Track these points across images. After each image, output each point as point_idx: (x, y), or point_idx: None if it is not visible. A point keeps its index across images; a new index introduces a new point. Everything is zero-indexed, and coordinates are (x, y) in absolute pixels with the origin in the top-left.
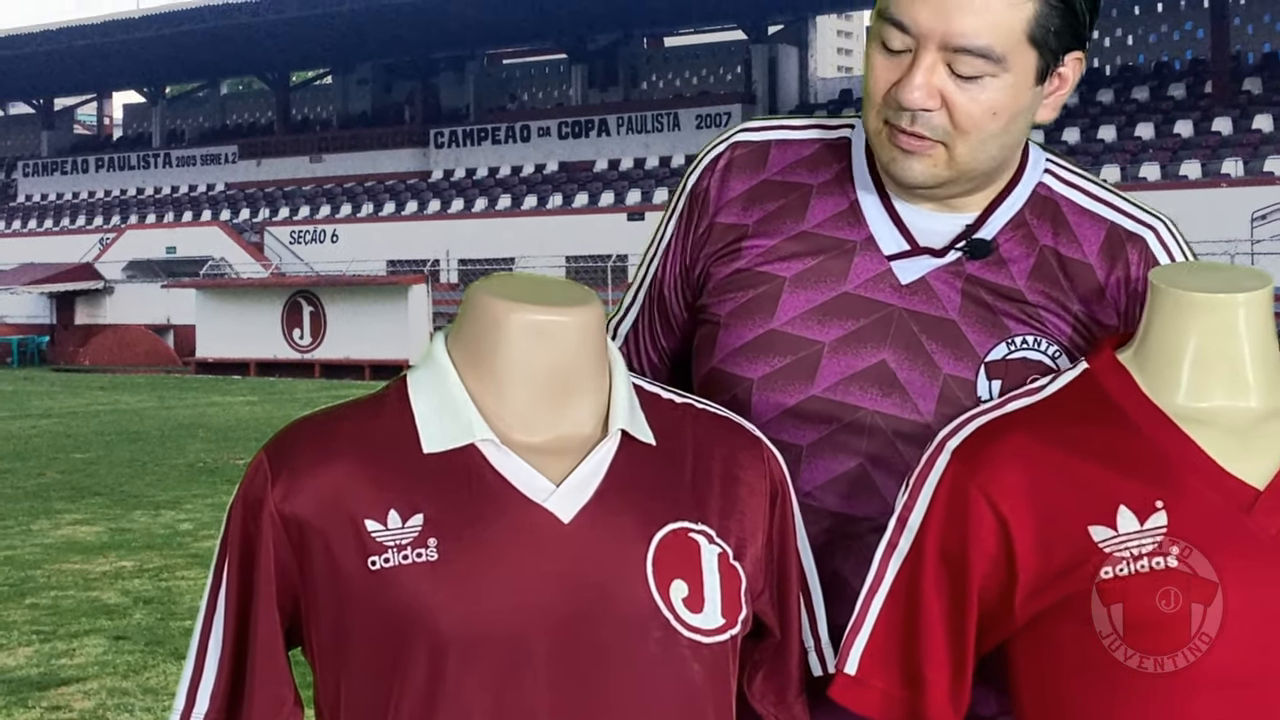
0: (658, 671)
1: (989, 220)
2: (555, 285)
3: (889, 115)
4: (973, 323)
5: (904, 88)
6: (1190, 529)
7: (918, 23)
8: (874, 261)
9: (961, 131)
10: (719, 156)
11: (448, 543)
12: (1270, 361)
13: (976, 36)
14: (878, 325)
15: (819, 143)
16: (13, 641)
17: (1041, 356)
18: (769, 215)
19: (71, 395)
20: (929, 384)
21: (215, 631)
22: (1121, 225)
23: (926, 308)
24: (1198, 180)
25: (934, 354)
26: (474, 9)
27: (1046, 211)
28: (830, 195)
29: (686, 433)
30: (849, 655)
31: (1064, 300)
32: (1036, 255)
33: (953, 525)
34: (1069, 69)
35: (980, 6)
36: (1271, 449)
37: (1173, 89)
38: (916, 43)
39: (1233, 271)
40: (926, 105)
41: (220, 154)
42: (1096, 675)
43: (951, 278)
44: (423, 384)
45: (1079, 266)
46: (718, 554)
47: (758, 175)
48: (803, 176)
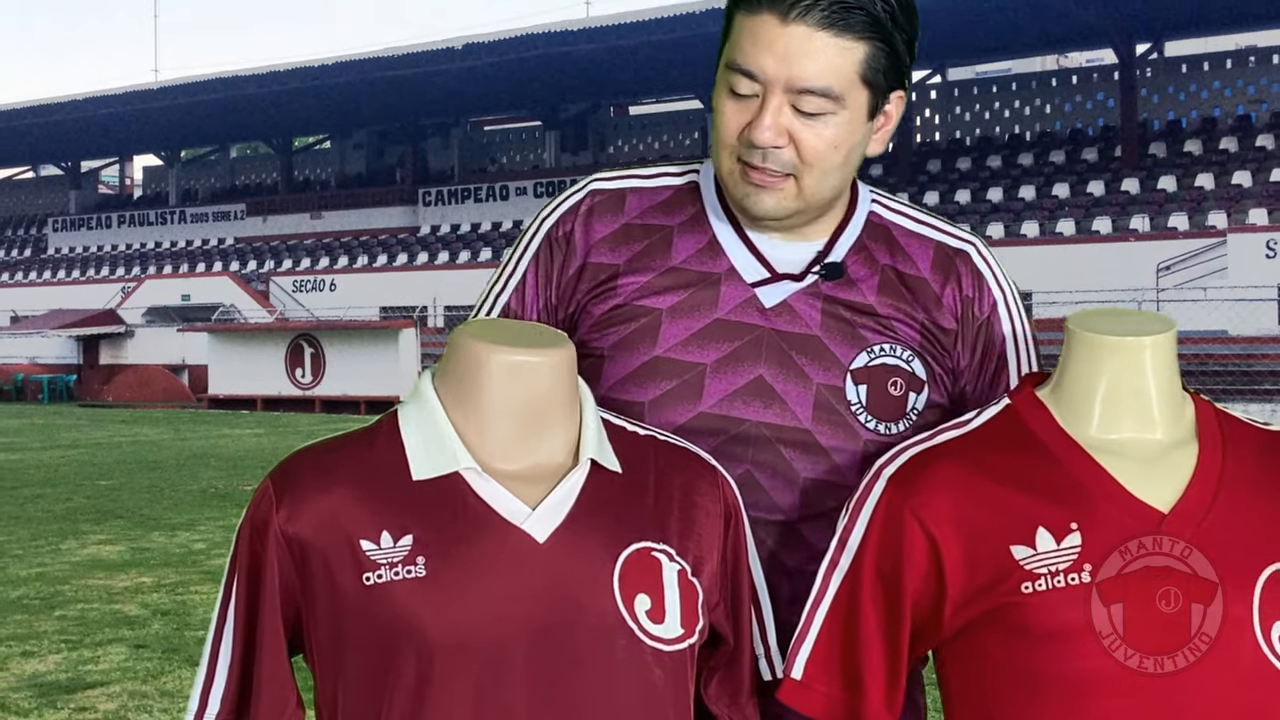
0: (624, 676)
1: (836, 246)
2: (530, 329)
3: (741, 154)
4: (834, 336)
5: (756, 128)
6: (1102, 548)
7: (764, 70)
8: (739, 289)
9: (808, 165)
10: (579, 203)
11: (435, 560)
12: (1174, 397)
13: (817, 78)
14: (751, 345)
15: (671, 188)
16: (44, 649)
17: (898, 361)
18: (637, 255)
19: (96, 428)
20: (804, 393)
21: (225, 640)
22: (946, 243)
23: (791, 326)
24: (1109, 235)
25: (804, 366)
26: (458, 81)
27: (881, 236)
28: (690, 233)
29: (649, 461)
30: (795, 661)
31: (910, 310)
32: (880, 274)
33: (888, 545)
34: (894, 106)
35: (818, 52)
36: (1175, 476)
37: (1086, 153)
38: (764, 88)
39: (1140, 317)
40: (776, 143)
41: (230, 211)
42: (1017, 679)
43: (811, 298)
44: (412, 417)
45: (916, 281)
46: (677, 571)
47: (619, 219)
48: (661, 219)
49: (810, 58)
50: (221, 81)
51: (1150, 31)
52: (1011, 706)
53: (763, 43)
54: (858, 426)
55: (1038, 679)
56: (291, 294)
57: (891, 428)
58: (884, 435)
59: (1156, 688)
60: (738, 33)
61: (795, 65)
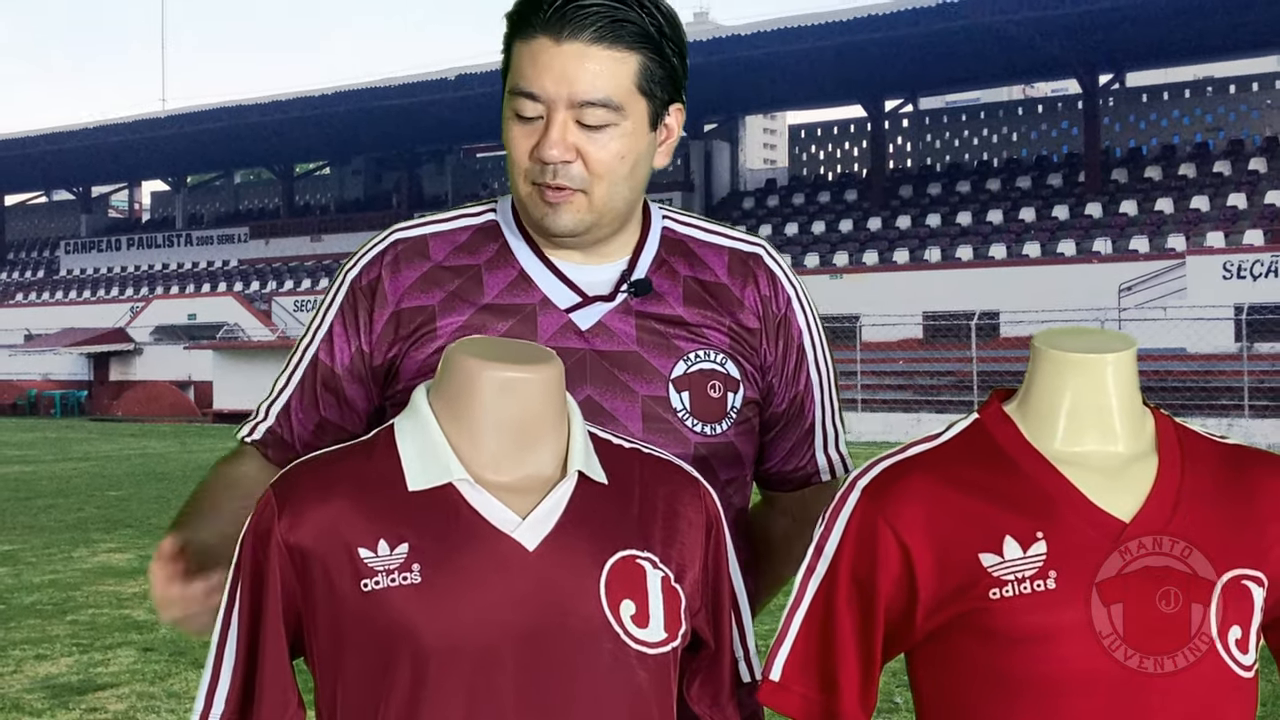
0: (609, 678)
1: (638, 264)
2: (521, 347)
3: (534, 176)
4: (651, 349)
5: (544, 146)
6: (1066, 556)
7: (545, 89)
8: (555, 316)
9: (597, 177)
10: (383, 253)
11: (429, 568)
12: (1135, 412)
13: (596, 90)
14: (575, 368)
15: (470, 228)
16: (56, 652)
17: (714, 365)
18: (449, 295)
19: (106, 441)
20: (631, 407)
21: (230, 644)
22: (739, 248)
23: (609, 345)
24: (1073, 257)
25: (628, 381)
26: (451, 111)
27: (677, 249)
28: (498, 269)
29: (634, 473)
30: (773, 664)
31: (716, 316)
32: (683, 285)
33: (863, 553)
34: (673, 119)
35: (594, 65)
36: (1136, 487)
37: (1051, 179)
38: (547, 108)
39: (1102, 335)
40: (565, 157)
41: (234, 234)
42: (985, 680)
43: (624, 316)
44: (407, 431)
45: (717, 287)
46: (661, 578)
47: (425, 264)
48: (466, 259)
49: (587, 71)
50: (226, 110)
51: (1112, 63)
52: (981, 706)
53: (541, 64)
54: (685, 431)
55: (1004, 680)
56: (293, 313)
57: (715, 428)
58: (709, 436)
59: (1121, 689)
60: (517, 60)
61: (574, 80)
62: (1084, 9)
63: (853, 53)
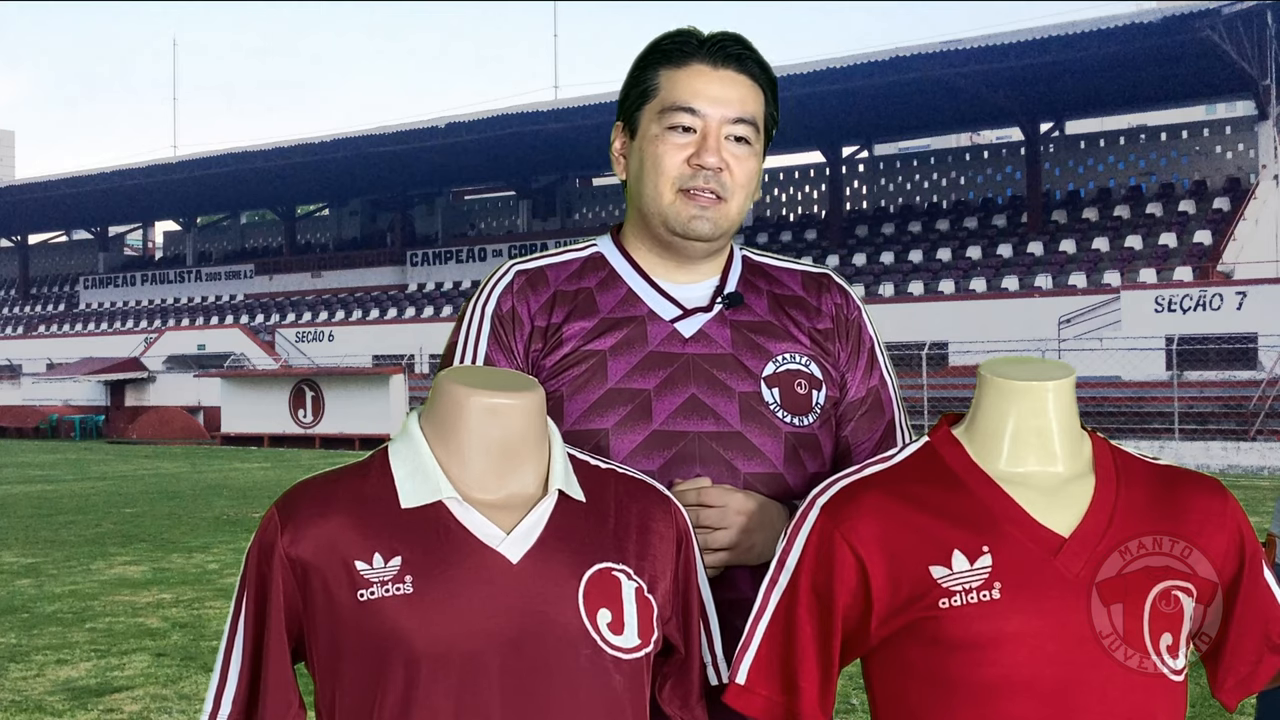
0: (587, 682)
1: (728, 281)
2: (506, 375)
3: (685, 182)
4: (745, 352)
5: (705, 152)
6: (1010, 568)
7: (704, 106)
8: (662, 326)
9: (738, 187)
10: (511, 283)
11: (421, 579)
12: (1073, 435)
13: (746, 110)
14: (681, 370)
15: (578, 259)
16: (75, 657)
17: (799, 366)
18: (570, 313)
19: (122, 462)
20: (729, 403)
21: (236, 650)
22: (810, 271)
23: (709, 349)
24: (1016, 291)
25: (726, 380)
26: (442, 156)
27: (757, 271)
28: (609, 290)
29: (609, 492)
30: (739, 668)
31: (798, 321)
32: (767, 298)
33: (821, 565)
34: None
35: (744, 92)
36: (1075, 505)
37: (996, 219)
38: (704, 122)
39: (1043, 364)
40: (721, 165)
41: (240, 271)
42: (934, 684)
43: (720, 325)
44: (400, 453)
45: (795, 299)
46: (635, 588)
47: (547, 290)
48: (580, 284)
49: (739, 94)
50: (233, 156)
51: (1052, 112)
52: (929, 708)
53: (699, 85)
54: (777, 422)
55: (952, 684)
56: (294, 344)
57: (803, 420)
58: (798, 427)
59: (1057, 692)
60: (671, 83)
61: (729, 100)
62: (1027, 63)
63: (813, 103)
